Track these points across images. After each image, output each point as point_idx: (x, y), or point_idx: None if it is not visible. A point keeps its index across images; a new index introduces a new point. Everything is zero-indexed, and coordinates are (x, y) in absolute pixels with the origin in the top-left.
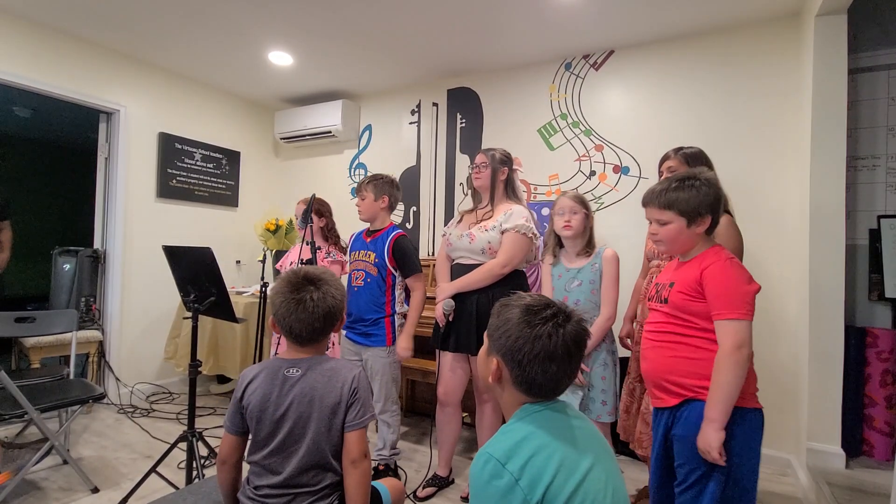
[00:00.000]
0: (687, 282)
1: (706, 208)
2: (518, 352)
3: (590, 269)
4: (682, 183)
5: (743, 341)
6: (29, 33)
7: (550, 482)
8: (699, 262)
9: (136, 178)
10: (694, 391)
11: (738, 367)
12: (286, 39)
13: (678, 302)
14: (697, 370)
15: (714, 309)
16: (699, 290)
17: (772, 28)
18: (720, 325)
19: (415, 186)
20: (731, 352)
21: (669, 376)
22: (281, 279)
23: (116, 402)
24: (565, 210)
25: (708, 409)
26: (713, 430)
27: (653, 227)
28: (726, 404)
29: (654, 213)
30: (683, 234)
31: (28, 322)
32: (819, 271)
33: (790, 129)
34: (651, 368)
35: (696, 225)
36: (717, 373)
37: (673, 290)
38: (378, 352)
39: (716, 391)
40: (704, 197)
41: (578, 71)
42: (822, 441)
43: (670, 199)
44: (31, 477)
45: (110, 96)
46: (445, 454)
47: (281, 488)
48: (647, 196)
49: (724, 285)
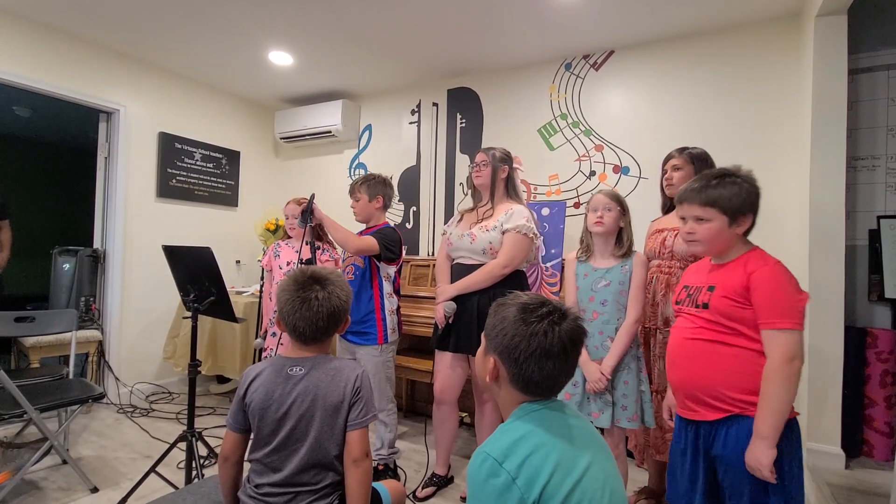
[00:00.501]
0: (732, 286)
1: (748, 207)
2: (514, 349)
3: (619, 271)
4: (722, 179)
5: (795, 353)
6: (29, 33)
7: (547, 481)
8: (743, 265)
9: (136, 178)
10: (740, 406)
11: (791, 380)
12: (286, 39)
13: (723, 308)
14: (744, 383)
15: (763, 317)
16: (746, 297)
17: (772, 28)
18: (770, 335)
19: (415, 186)
20: (784, 364)
21: (710, 389)
22: (288, 277)
23: (116, 402)
24: (599, 206)
25: (759, 426)
26: (766, 447)
27: (689, 225)
28: (779, 420)
29: (695, 210)
30: (724, 234)
31: (27, 322)
32: (819, 272)
33: (790, 129)
34: (686, 378)
35: (737, 224)
36: (767, 386)
37: (715, 294)
38: (370, 351)
39: (767, 406)
40: (747, 195)
41: (578, 71)
42: (821, 441)
43: (713, 196)
44: (30, 477)
45: (110, 96)
46: (443, 453)
47: (282, 486)
48: (686, 193)
49: (775, 292)
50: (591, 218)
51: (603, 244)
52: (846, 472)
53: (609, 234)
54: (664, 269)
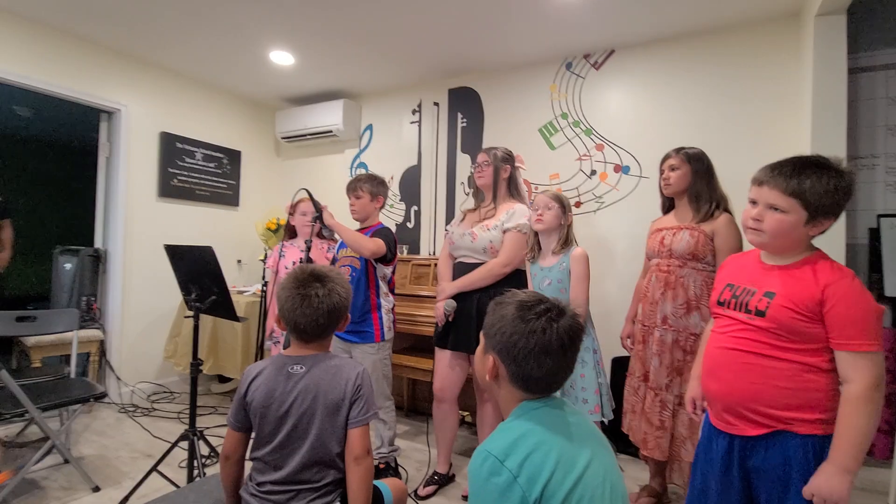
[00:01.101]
0: (800, 297)
1: (835, 209)
2: (513, 347)
3: (558, 269)
4: (817, 169)
5: (881, 378)
6: (30, 32)
7: (549, 478)
8: (811, 273)
9: (138, 178)
10: (785, 423)
11: (878, 407)
12: (287, 39)
13: (785, 320)
14: (792, 400)
15: (843, 338)
16: (817, 311)
17: (772, 28)
18: (852, 358)
19: (416, 186)
20: (872, 390)
21: (755, 404)
22: (288, 275)
23: (117, 402)
24: (539, 205)
25: (841, 457)
26: (847, 481)
27: (758, 210)
28: (863, 451)
29: (773, 197)
30: (796, 232)
31: (29, 321)
32: None
33: (790, 127)
34: (726, 391)
35: (814, 224)
36: (852, 415)
37: (775, 303)
38: (367, 349)
39: (851, 436)
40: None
41: (579, 70)
42: None
43: (802, 187)
44: (32, 476)
45: (111, 95)
46: (444, 451)
47: (283, 484)
48: (771, 174)
49: (858, 310)
50: (533, 216)
51: (546, 242)
52: None
53: (549, 231)
54: (663, 268)
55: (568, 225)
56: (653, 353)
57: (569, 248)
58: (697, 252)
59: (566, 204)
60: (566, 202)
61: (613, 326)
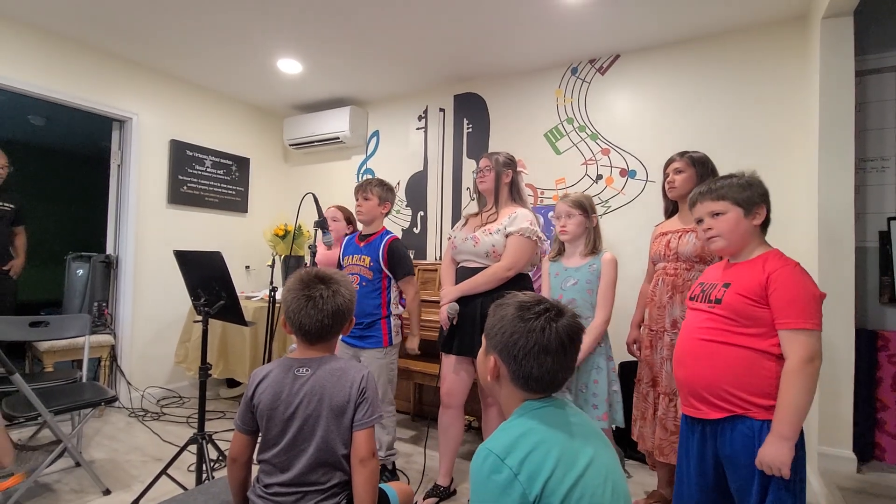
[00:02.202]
0: (748, 284)
1: (759, 198)
2: (513, 347)
3: (587, 270)
4: (729, 178)
5: (815, 353)
6: (44, 43)
7: (549, 476)
8: (761, 264)
9: (148, 185)
10: (743, 407)
11: (811, 380)
12: (295, 47)
13: (737, 305)
14: (748, 384)
15: (782, 317)
16: (763, 295)
17: (778, 31)
18: (790, 335)
19: (422, 191)
20: (804, 364)
21: (715, 388)
22: (293, 278)
23: (128, 406)
24: (561, 214)
25: (779, 426)
26: (787, 448)
27: (706, 222)
28: (799, 420)
29: (708, 206)
30: (741, 225)
31: (42, 326)
32: (829, 274)
33: (797, 131)
34: (691, 377)
35: (751, 216)
36: (788, 387)
37: (729, 291)
38: (374, 353)
39: (787, 406)
40: (756, 188)
41: (584, 75)
42: (833, 445)
43: (723, 191)
44: (43, 479)
45: (123, 104)
46: (446, 462)
47: (290, 486)
48: (696, 194)
49: (796, 292)
50: (557, 226)
51: (572, 245)
52: (858, 476)
53: (575, 238)
54: (670, 272)
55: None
56: (663, 357)
57: (599, 250)
58: (704, 254)
59: (588, 206)
60: (588, 205)
61: (619, 332)
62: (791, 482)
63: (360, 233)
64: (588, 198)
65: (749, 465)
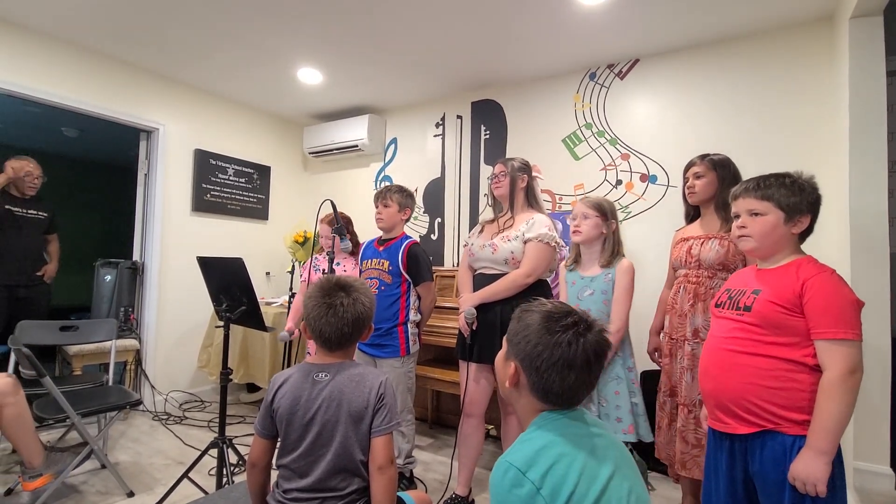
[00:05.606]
0: (781, 292)
1: (807, 207)
2: (537, 358)
3: (603, 280)
4: (780, 178)
5: (857, 364)
6: (75, 57)
7: (573, 491)
8: (795, 271)
9: (173, 193)
10: (774, 422)
11: (853, 393)
12: (315, 57)
13: (768, 313)
14: (780, 397)
15: (819, 326)
16: (797, 304)
17: (803, 31)
18: (827, 346)
19: (439, 198)
20: (845, 376)
21: (744, 401)
22: (314, 285)
23: (151, 410)
24: (577, 215)
25: (816, 439)
26: (824, 463)
27: (742, 219)
28: (837, 435)
29: (749, 204)
30: (778, 231)
31: (71, 331)
32: (862, 280)
33: (826, 133)
34: (718, 389)
35: (793, 223)
36: (827, 399)
37: (760, 298)
38: (392, 362)
39: (826, 420)
40: (806, 195)
41: (603, 80)
42: (869, 460)
43: (770, 191)
44: (71, 480)
45: (150, 115)
46: (466, 472)
47: (309, 492)
48: (740, 188)
49: (833, 300)
50: (571, 226)
51: (588, 252)
52: None
53: (589, 241)
54: (691, 279)
55: (613, 232)
56: (684, 367)
57: (617, 258)
58: (728, 262)
59: (608, 210)
60: (608, 209)
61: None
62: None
63: (379, 238)
64: (609, 202)
65: (781, 482)
